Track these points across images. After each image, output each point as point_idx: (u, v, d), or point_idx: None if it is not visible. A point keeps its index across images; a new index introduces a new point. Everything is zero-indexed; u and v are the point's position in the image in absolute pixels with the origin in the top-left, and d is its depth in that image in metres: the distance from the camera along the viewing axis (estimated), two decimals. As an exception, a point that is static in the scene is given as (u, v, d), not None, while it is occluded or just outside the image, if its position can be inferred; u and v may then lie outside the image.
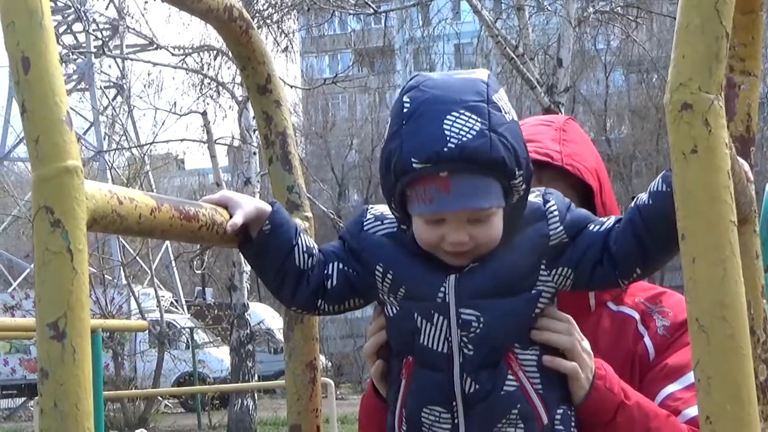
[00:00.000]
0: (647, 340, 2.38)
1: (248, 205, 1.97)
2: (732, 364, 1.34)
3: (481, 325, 1.96)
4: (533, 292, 1.99)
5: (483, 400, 1.96)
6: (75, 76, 40.67)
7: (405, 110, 1.95)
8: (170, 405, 32.25)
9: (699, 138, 1.35)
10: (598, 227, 1.99)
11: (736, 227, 1.38)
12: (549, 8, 24.27)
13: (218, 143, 28.99)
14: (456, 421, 1.97)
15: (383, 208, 2.10)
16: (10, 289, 37.65)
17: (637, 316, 2.42)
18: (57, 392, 1.41)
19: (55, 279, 1.41)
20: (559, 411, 2.01)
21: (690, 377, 2.25)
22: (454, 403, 1.97)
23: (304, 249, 2.03)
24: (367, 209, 2.13)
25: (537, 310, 2.00)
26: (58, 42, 1.40)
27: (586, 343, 2.07)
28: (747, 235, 1.71)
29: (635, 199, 1.94)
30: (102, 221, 1.54)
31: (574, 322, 2.07)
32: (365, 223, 2.09)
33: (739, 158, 1.68)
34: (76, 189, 1.42)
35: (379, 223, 2.08)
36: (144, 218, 1.65)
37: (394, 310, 2.04)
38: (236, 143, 28.32)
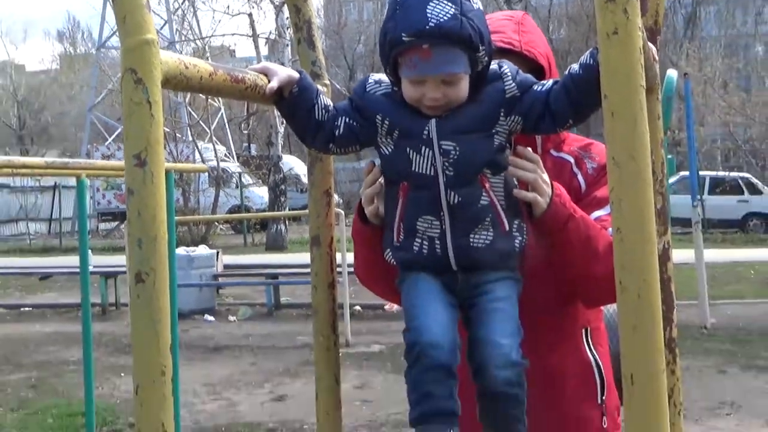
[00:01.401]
0: (580, 177, 2.43)
1: (282, 72, 1.98)
2: (637, 191, 1.35)
3: (457, 153, 1.99)
4: (493, 131, 2.02)
5: (464, 210, 2.00)
6: (152, -17, 40.03)
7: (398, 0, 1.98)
8: (223, 228, 32.49)
9: (619, 23, 1.35)
10: (540, 87, 2.01)
11: (644, 91, 1.38)
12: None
13: (260, 37, 28.80)
14: (444, 226, 2.01)
15: (381, 76, 2.12)
16: (106, 143, 37.68)
17: (572, 159, 2.46)
18: (140, 205, 1.42)
19: (138, 122, 1.41)
20: (516, 222, 2.06)
21: (607, 209, 2.31)
22: (441, 213, 2.01)
23: (322, 106, 2.05)
24: (370, 76, 2.15)
25: (496, 143, 2.02)
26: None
27: (546, 176, 2.12)
28: (651, 102, 1.71)
29: (569, 69, 1.95)
30: (172, 81, 1.53)
31: (540, 161, 2.13)
32: (368, 86, 2.11)
33: (648, 42, 1.68)
34: (153, 55, 1.42)
35: (378, 85, 2.10)
36: (204, 80, 1.64)
37: (390, 149, 2.07)
38: (273, 37, 28.08)
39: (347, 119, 2.08)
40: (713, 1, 45.59)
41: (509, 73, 2.03)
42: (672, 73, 9.64)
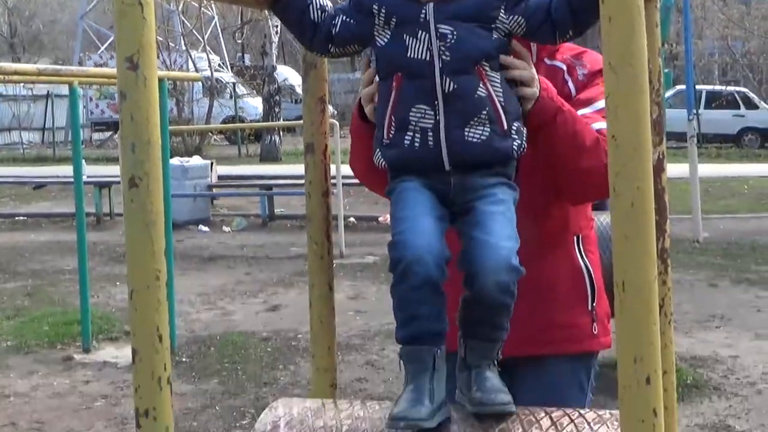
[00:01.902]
0: (570, 84, 2.39)
1: None
2: (634, 97, 1.34)
3: (455, 38, 1.91)
4: (493, 25, 1.94)
5: (460, 99, 1.91)
6: None
7: None
8: (218, 139, 32.41)
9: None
10: None
11: (644, -2, 1.36)
12: None
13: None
14: (438, 117, 1.91)
15: None
16: (98, 52, 37.27)
17: (564, 67, 2.42)
18: (132, 108, 1.40)
19: (129, 25, 1.39)
20: (515, 124, 1.97)
21: (596, 105, 2.30)
22: (436, 102, 1.91)
23: (318, 6, 1.99)
24: None
25: (494, 37, 1.94)
26: None
27: (533, 70, 2.06)
28: (650, 9, 1.69)
29: None
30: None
31: (530, 57, 2.07)
32: None
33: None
34: (144, -45, 1.39)
35: None
36: (197, -19, 1.61)
37: (387, 39, 1.98)
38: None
39: (344, 17, 2.00)
40: None
41: None
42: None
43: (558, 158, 2.21)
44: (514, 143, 1.95)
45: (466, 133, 1.92)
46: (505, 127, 1.94)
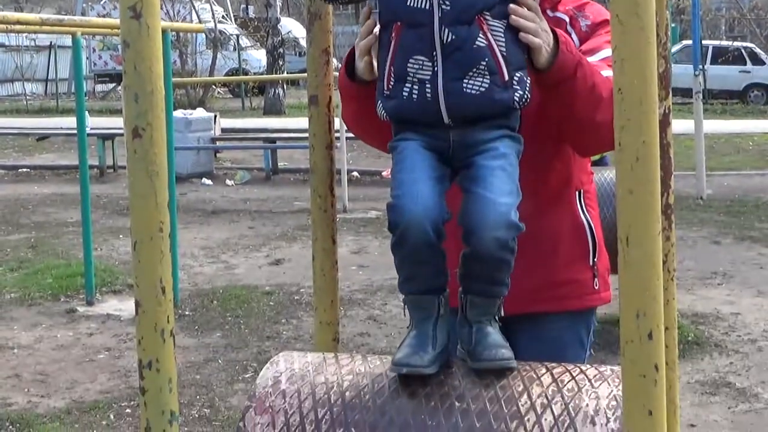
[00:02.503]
0: (574, 36, 2.33)
1: None
2: (640, 50, 1.33)
3: None
4: None
5: (458, 50, 1.86)
6: None
7: None
8: (221, 92, 32.26)
9: None
10: None
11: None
12: None
13: None
14: (436, 68, 1.88)
15: None
16: (102, 2, 37.04)
17: (567, 18, 2.37)
18: (136, 58, 1.39)
19: (132, -27, 1.38)
20: (517, 74, 1.92)
21: (600, 54, 2.26)
22: (434, 53, 1.87)
23: None
24: None
25: None
26: None
27: (545, 24, 1.99)
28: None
29: None
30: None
31: (539, 9, 1.99)
32: None
33: None
34: None
35: None
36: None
37: None
38: None
39: None
40: None
41: None
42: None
43: (575, 112, 2.15)
44: (516, 94, 1.91)
45: (464, 85, 1.88)
46: (506, 77, 1.90)
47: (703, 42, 21.90)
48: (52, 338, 6.68)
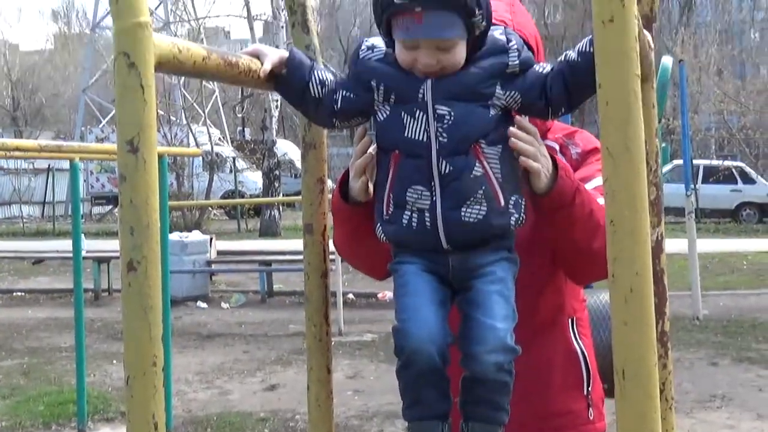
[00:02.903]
0: (565, 161, 2.37)
1: (274, 54, 1.94)
2: (631, 182, 1.34)
3: (452, 119, 1.91)
4: (490, 102, 1.94)
5: (455, 180, 1.91)
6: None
7: None
8: (217, 214, 32.50)
9: (615, 10, 1.33)
10: (541, 69, 1.94)
11: (639, 79, 1.37)
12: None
13: (255, 19, 28.73)
14: (434, 198, 1.92)
15: (374, 40, 2.04)
16: (100, 125, 37.62)
17: (557, 146, 2.41)
18: (132, 192, 1.40)
19: (130, 107, 1.40)
20: (513, 198, 1.96)
21: (593, 183, 2.29)
22: (432, 183, 1.92)
23: (317, 83, 1.99)
24: (363, 42, 2.07)
25: (492, 114, 1.94)
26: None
27: (544, 149, 2.03)
28: (646, 91, 1.69)
29: (565, 55, 1.90)
30: (166, 65, 1.51)
31: (538, 133, 2.02)
32: (361, 54, 2.03)
33: (644, 30, 1.67)
34: (146, 39, 1.40)
35: (371, 51, 2.02)
36: (197, 64, 1.62)
37: (386, 115, 1.99)
38: (268, 19, 28.04)
39: (344, 92, 2.00)
40: (709, -11, 45.48)
41: (516, 48, 1.95)
42: (667, 61, 9.61)
43: (572, 238, 2.17)
44: (512, 218, 1.96)
45: (462, 213, 1.92)
46: (503, 203, 1.94)
47: (694, 161, 22.19)
48: (42, 466, 6.56)
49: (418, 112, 1.93)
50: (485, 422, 1.89)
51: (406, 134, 1.94)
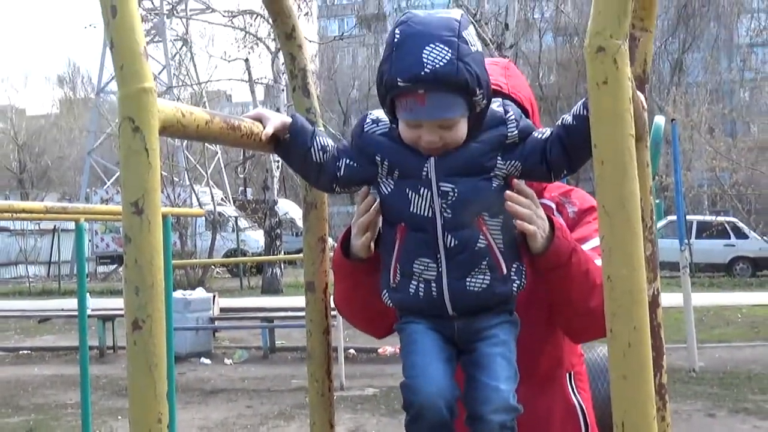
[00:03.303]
0: (561, 221, 2.36)
1: (276, 119, 1.95)
2: (627, 239, 1.34)
3: (456, 194, 1.93)
4: (492, 174, 1.96)
5: (461, 253, 1.93)
6: (152, 32, 40.27)
7: (396, 40, 1.92)
8: (220, 272, 32.46)
9: (609, 72, 1.34)
10: (540, 135, 1.96)
11: (633, 140, 1.38)
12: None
13: (256, 83, 28.92)
14: (440, 269, 1.95)
15: (378, 113, 2.06)
16: (105, 187, 37.72)
17: (553, 205, 2.42)
18: (137, 252, 1.40)
19: (135, 170, 1.40)
20: (514, 265, 1.99)
21: (591, 243, 2.29)
22: (438, 256, 1.94)
23: (319, 148, 2.00)
24: (367, 115, 2.08)
25: (494, 186, 1.96)
26: (138, 5, 1.38)
27: (541, 211, 2.04)
28: (640, 150, 1.70)
29: (562, 120, 1.91)
30: (170, 128, 1.52)
31: (535, 196, 2.04)
32: (365, 127, 2.05)
33: (637, 91, 1.68)
34: (150, 104, 1.41)
35: (375, 125, 2.04)
36: (200, 127, 1.63)
37: (390, 189, 2.01)
38: (269, 82, 28.22)
39: (347, 160, 2.02)
40: (699, 48, 45.78)
41: (514, 119, 1.97)
42: (659, 120, 9.69)
43: (569, 297, 2.17)
44: (514, 284, 1.99)
45: (467, 283, 1.95)
46: (505, 272, 1.97)
47: (688, 217, 22.22)
48: None
49: (422, 189, 1.96)
50: None
51: (411, 209, 1.97)
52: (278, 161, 25.47)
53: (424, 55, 1.86)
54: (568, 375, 2.43)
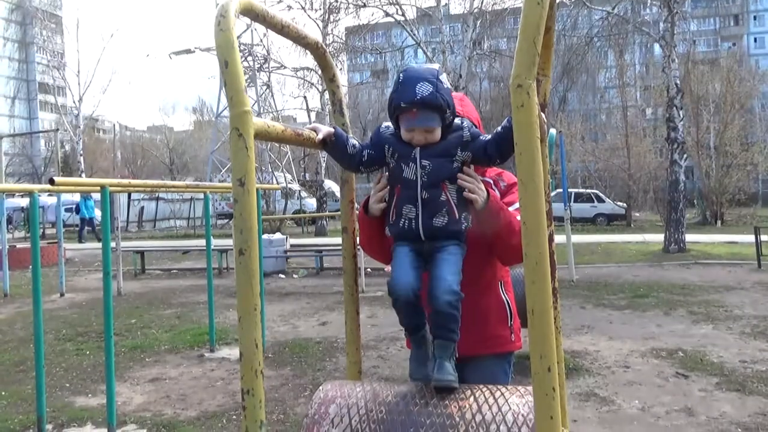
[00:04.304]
0: (496, 192, 2.36)
1: (325, 129, 1.93)
2: (536, 199, 1.33)
3: (430, 168, 1.91)
4: (453, 158, 1.93)
5: (430, 202, 1.91)
6: (247, 80, 39.89)
7: (400, 79, 1.91)
8: (290, 223, 32.40)
9: (525, 100, 1.32)
10: (483, 138, 1.93)
11: (539, 140, 1.36)
12: (455, 51, 23.72)
13: (311, 111, 28.73)
14: (418, 212, 1.92)
15: (388, 124, 2.03)
16: (221, 174, 37.54)
17: (491, 180, 2.40)
18: (241, 209, 1.39)
19: (240, 160, 1.39)
20: (463, 214, 1.95)
21: (515, 206, 2.27)
22: (417, 203, 1.92)
23: (351, 145, 1.98)
24: (382, 125, 2.05)
25: (454, 166, 1.94)
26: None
27: (481, 185, 2.01)
28: (542, 147, 1.65)
29: (495, 130, 1.89)
30: (260, 135, 1.51)
31: (477, 176, 2.00)
32: (381, 130, 2.02)
33: (540, 112, 1.65)
34: (249, 120, 1.40)
35: (387, 129, 2.01)
36: (278, 134, 1.61)
37: (393, 164, 1.98)
38: (318, 110, 28.06)
39: (369, 151, 2.00)
40: (575, 89, 45.54)
41: (466, 127, 1.95)
42: (552, 131, 9.61)
43: (498, 237, 2.15)
44: (462, 225, 1.95)
45: (433, 221, 1.92)
46: (457, 217, 1.93)
47: (569, 190, 22.10)
48: (189, 372, 6.53)
49: (411, 164, 1.93)
50: (443, 339, 1.86)
51: (404, 175, 1.94)
52: (325, 156, 25.41)
53: (417, 88, 1.86)
54: (500, 283, 2.42)
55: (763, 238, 13.82)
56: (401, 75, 1.92)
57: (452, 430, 1.62)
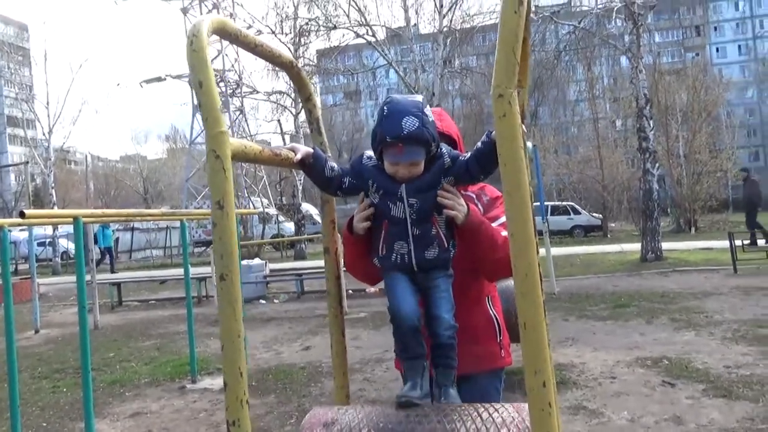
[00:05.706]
0: (479, 206, 2.35)
1: (303, 149, 1.91)
2: (522, 210, 1.31)
3: (418, 205, 1.90)
4: (438, 188, 1.92)
5: (422, 238, 1.92)
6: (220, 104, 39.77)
7: (384, 113, 1.88)
8: (268, 248, 32.19)
9: (506, 110, 1.31)
10: (463, 158, 1.91)
11: (522, 149, 1.34)
12: (427, 69, 23.95)
13: (284, 134, 28.75)
14: (409, 247, 1.92)
15: (370, 153, 2.00)
16: (196, 201, 37.30)
17: (473, 195, 2.39)
18: (220, 232, 1.35)
19: (217, 182, 1.36)
20: (451, 242, 1.97)
21: (499, 220, 2.26)
22: (408, 239, 1.92)
23: (330, 168, 1.96)
24: (364, 153, 2.03)
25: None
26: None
27: (461, 200, 2.00)
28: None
29: (475, 146, 1.87)
30: (237, 155, 1.48)
31: (457, 192, 1.98)
32: (363, 161, 1.99)
33: (521, 124, 1.64)
34: (226, 140, 1.37)
35: (369, 160, 1.98)
36: (256, 155, 1.59)
37: (377, 200, 1.96)
38: (292, 133, 28.08)
39: (349, 179, 1.97)
40: (546, 103, 46.31)
41: (446, 154, 1.94)
42: (529, 144, 9.71)
43: (480, 253, 2.13)
44: (451, 253, 1.97)
45: (425, 254, 1.93)
46: (446, 246, 1.95)
47: (545, 202, 22.30)
48: (170, 405, 6.38)
49: (398, 202, 1.92)
50: (445, 367, 1.91)
51: (392, 214, 1.93)
52: (301, 179, 25.36)
53: (403, 122, 1.83)
54: (487, 298, 2.40)
55: (737, 243, 14.04)
56: (385, 108, 1.89)
57: (447, 452, 1.58)
